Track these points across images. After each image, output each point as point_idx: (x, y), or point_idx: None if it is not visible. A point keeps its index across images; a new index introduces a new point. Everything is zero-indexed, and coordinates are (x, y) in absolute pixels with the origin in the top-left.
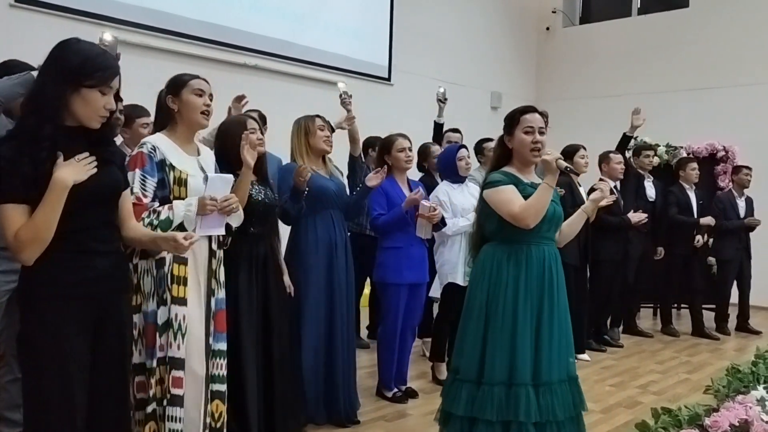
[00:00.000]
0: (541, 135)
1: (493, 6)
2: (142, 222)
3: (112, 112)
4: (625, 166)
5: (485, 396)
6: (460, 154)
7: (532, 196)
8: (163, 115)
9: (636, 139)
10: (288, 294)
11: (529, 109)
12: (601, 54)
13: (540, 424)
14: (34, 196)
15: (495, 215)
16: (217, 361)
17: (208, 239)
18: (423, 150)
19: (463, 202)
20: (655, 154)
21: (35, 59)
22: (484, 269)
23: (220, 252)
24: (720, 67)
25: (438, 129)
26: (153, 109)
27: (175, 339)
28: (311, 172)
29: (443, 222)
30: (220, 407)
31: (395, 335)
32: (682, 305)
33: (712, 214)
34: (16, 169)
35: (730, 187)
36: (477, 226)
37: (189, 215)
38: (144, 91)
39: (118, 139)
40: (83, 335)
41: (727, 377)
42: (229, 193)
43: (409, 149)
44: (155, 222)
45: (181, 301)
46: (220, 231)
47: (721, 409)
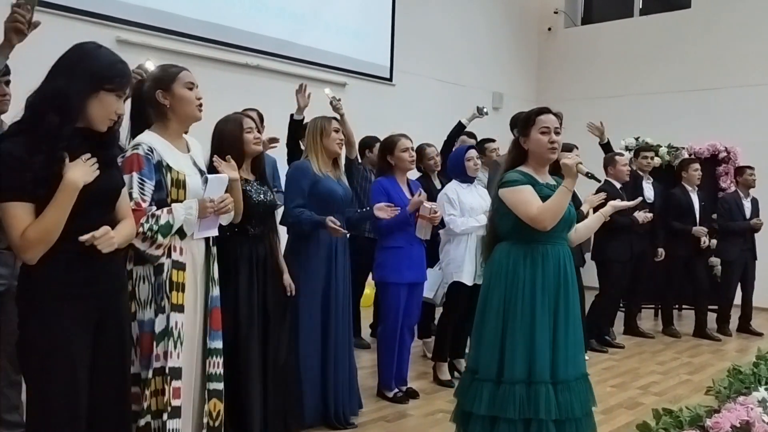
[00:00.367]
0: (556, 135)
1: (495, 6)
2: (141, 228)
3: (120, 117)
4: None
5: (506, 395)
6: (469, 154)
7: (550, 199)
8: (149, 111)
9: (638, 139)
10: (287, 294)
11: (544, 110)
12: (603, 55)
13: (559, 422)
14: (43, 195)
15: (510, 214)
16: (213, 360)
17: (204, 239)
18: (419, 151)
19: (472, 202)
20: (656, 155)
21: (36, 58)
22: (500, 268)
23: (214, 249)
24: (721, 67)
25: (459, 129)
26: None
27: (175, 348)
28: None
29: (442, 224)
30: (218, 406)
31: (395, 334)
32: (684, 306)
33: (717, 215)
34: (26, 167)
35: (736, 188)
36: (491, 225)
37: (190, 219)
38: None
39: None
40: (86, 336)
41: (729, 378)
42: (224, 193)
43: (412, 149)
44: (155, 227)
45: (180, 308)
46: (215, 232)
47: (722, 410)
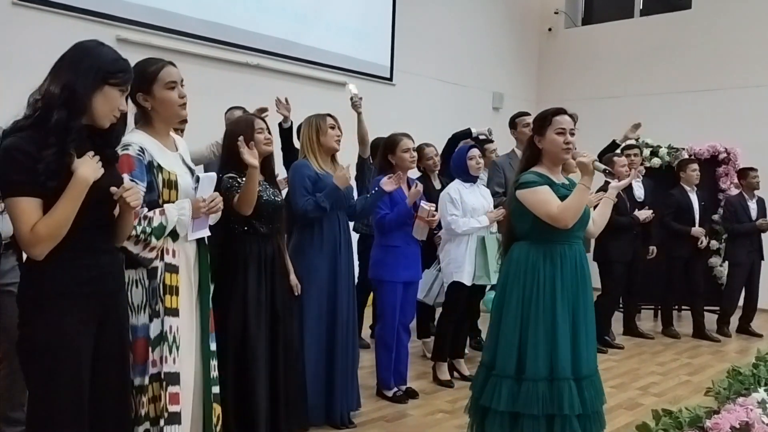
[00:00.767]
0: (571, 136)
1: (496, 7)
2: (134, 230)
3: (123, 114)
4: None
5: (530, 392)
6: (471, 153)
7: (569, 197)
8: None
9: (638, 140)
10: (294, 294)
11: (560, 111)
12: (604, 55)
13: (583, 416)
14: (53, 189)
15: (528, 215)
16: (212, 363)
17: (197, 240)
18: (418, 151)
19: (474, 202)
20: (653, 153)
21: (36, 57)
22: (519, 268)
23: (207, 251)
24: (722, 68)
25: (466, 135)
26: None
27: (170, 353)
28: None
29: (439, 227)
30: (217, 410)
31: (393, 332)
32: (683, 307)
33: (722, 218)
34: (36, 162)
35: (740, 190)
36: (508, 226)
37: (183, 219)
38: None
39: None
40: (89, 335)
41: (728, 379)
42: (213, 192)
43: (414, 150)
44: (148, 230)
45: (174, 312)
46: (207, 232)
47: (721, 411)
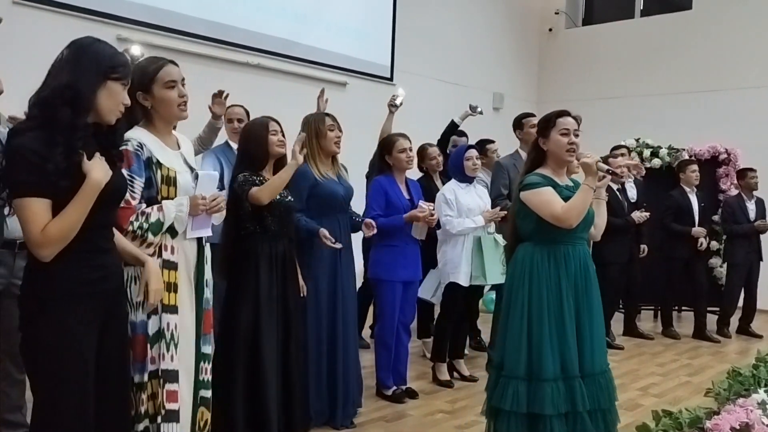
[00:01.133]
0: (575, 137)
1: (496, 7)
2: (131, 226)
3: (127, 108)
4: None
5: (550, 392)
6: (468, 153)
7: (573, 198)
8: (135, 111)
9: (638, 140)
10: (300, 295)
11: (564, 113)
12: (604, 55)
13: (594, 412)
14: (64, 189)
15: (532, 216)
16: (203, 366)
17: (197, 240)
18: (420, 151)
19: (470, 203)
20: (654, 154)
21: (37, 56)
22: (524, 269)
23: (207, 250)
24: (723, 69)
25: (452, 128)
26: None
27: (168, 350)
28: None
29: (438, 225)
30: (205, 415)
31: (392, 332)
32: (683, 308)
33: (720, 219)
34: (46, 161)
35: (739, 191)
36: (512, 227)
37: (181, 216)
38: None
39: None
40: (93, 336)
41: (728, 380)
42: (215, 190)
43: (410, 149)
44: (145, 225)
45: (173, 309)
46: (208, 231)
47: (722, 412)
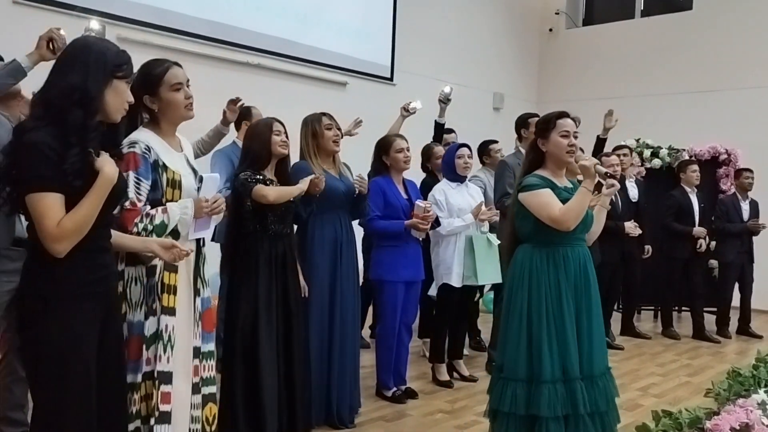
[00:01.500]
0: (574, 139)
1: (496, 7)
2: (135, 228)
3: (130, 111)
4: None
5: (547, 394)
6: (460, 152)
7: (571, 200)
8: (139, 109)
9: (639, 141)
10: (301, 295)
11: (564, 114)
12: (604, 56)
13: (596, 414)
14: (79, 187)
15: (531, 217)
16: (206, 363)
17: (196, 240)
18: (426, 151)
19: (461, 203)
20: (654, 154)
21: None
22: (524, 271)
23: (205, 251)
24: (723, 69)
25: (439, 129)
26: None
27: (164, 351)
28: (325, 179)
29: (437, 222)
30: (213, 410)
31: (394, 333)
32: (683, 308)
33: (714, 217)
34: (62, 159)
35: (734, 191)
36: (511, 229)
37: (185, 218)
38: None
39: None
40: (95, 335)
41: (728, 380)
42: (216, 193)
43: (407, 150)
44: (149, 227)
45: (171, 311)
46: (209, 233)
47: (721, 413)
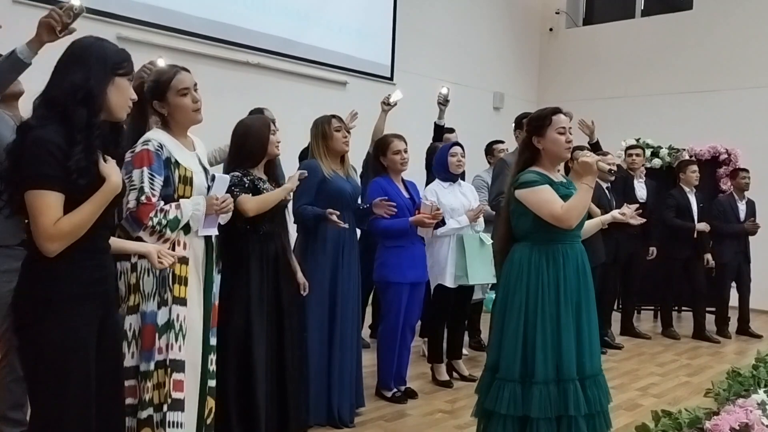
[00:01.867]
0: (570, 134)
1: (497, 7)
2: (150, 221)
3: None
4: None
5: (536, 395)
6: (453, 150)
7: (573, 197)
8: (149, 112)
9: (639, 140)
10: (301, 293)
11: (558, 110)
12: (605, 55)
13: (589, 416)
14: (80, 188)
15: (529, 215)
16: (210, 357)
17: (204, 237)
18: (431, 151)
19: (453, 203)
20: (654, 154)
21: (38, 55)
22: (522, 270)
23: (215, 247)
24: (723, 69)
25: (438, 131)
26: None
27: (176, 340)
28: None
29: (443, 221)
30: (210, 403)
31: (396, 334)
32: (683, 308)
33: (711, 217)
34: (68, 159)
35: (731, 191)
36: (506, 226)
37: (197, 215)
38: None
39: None
40: (94, 335)
41: (728, 380)
42: (225, 193)
43: (405, 151)
44: (163, 222)
45: (182, 301)
46: (215, 231)
47: (721, 413)
